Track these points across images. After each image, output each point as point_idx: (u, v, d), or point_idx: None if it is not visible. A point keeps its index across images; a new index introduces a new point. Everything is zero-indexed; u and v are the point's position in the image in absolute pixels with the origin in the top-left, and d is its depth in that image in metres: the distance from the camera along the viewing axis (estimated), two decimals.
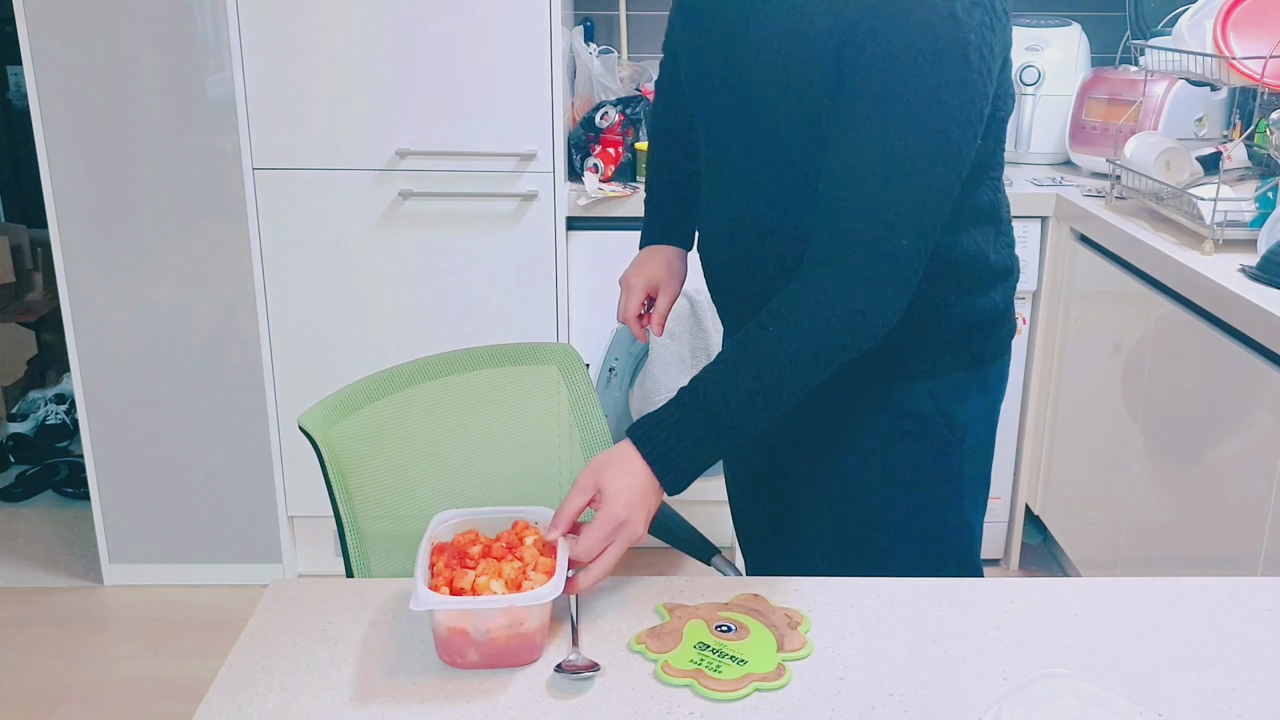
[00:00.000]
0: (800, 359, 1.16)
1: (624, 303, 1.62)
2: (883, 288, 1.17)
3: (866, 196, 1.15)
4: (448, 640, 1.03)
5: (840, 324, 1.17)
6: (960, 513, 1.47)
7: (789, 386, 1.17)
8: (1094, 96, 2.68)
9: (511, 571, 1.07)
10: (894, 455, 1.41)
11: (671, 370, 2.56)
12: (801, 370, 1.17)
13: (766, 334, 1.17)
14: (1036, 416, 2.68)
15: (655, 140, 1.68)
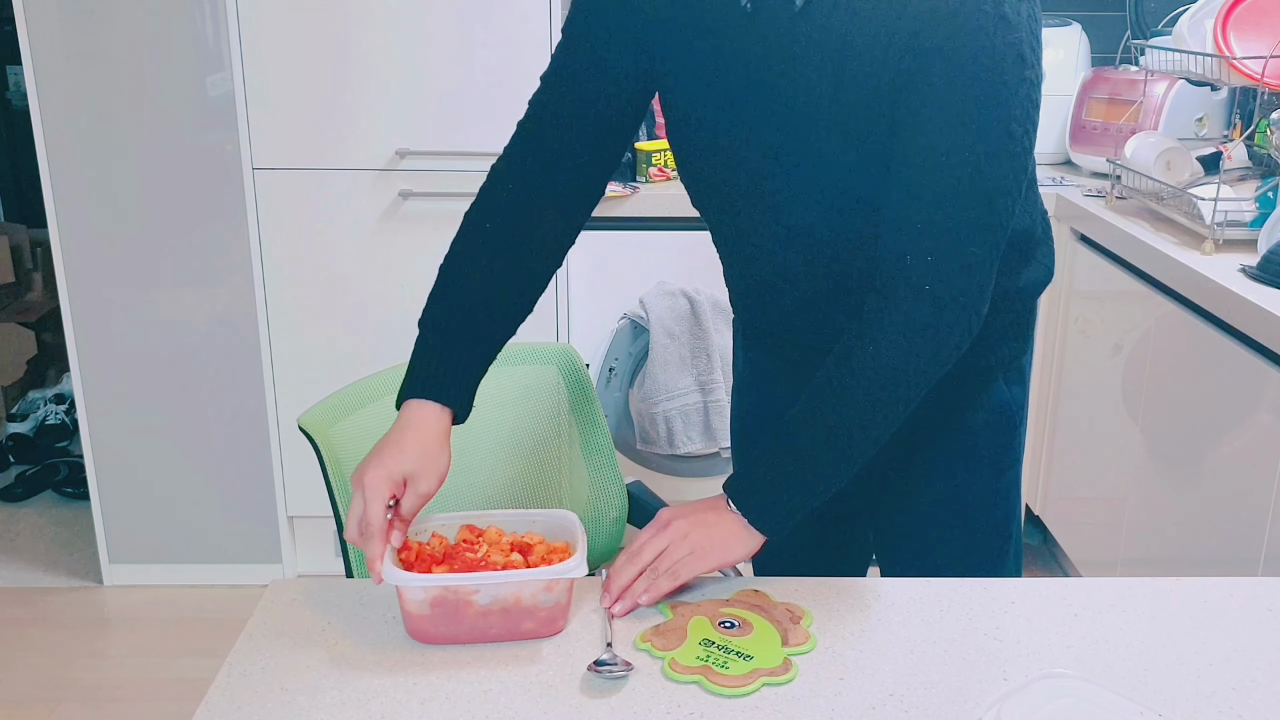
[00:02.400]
0: (884, 392, 1.14)
1: (358, 512, 1.13)
2: (956, 301, 1.14)
3: (934, 206, 1.13)
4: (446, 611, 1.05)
5: (920, 346, 1.14)
6: (1020, 493, 1.47)
7: (879, 420, 1.15)
8: (1094, 96, 2.68)
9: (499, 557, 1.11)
10: (989, 448, 1.39)
11: (671, 370, 2.56)
12: (888, 403, 1.15)
13: (846, 371, 1.15)
14: (1036, 416, 2.68)
15: (478, 230, 1.42)
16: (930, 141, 1.13)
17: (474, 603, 1.05)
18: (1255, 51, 2.11)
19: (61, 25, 2.42)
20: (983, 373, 1.35)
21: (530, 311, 1.34)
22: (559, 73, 1.37)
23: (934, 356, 1.15)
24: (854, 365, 1.14)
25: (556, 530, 1.15)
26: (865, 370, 1.14)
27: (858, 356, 1.15)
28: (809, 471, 1.15)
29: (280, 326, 2.57)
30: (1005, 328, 1.35)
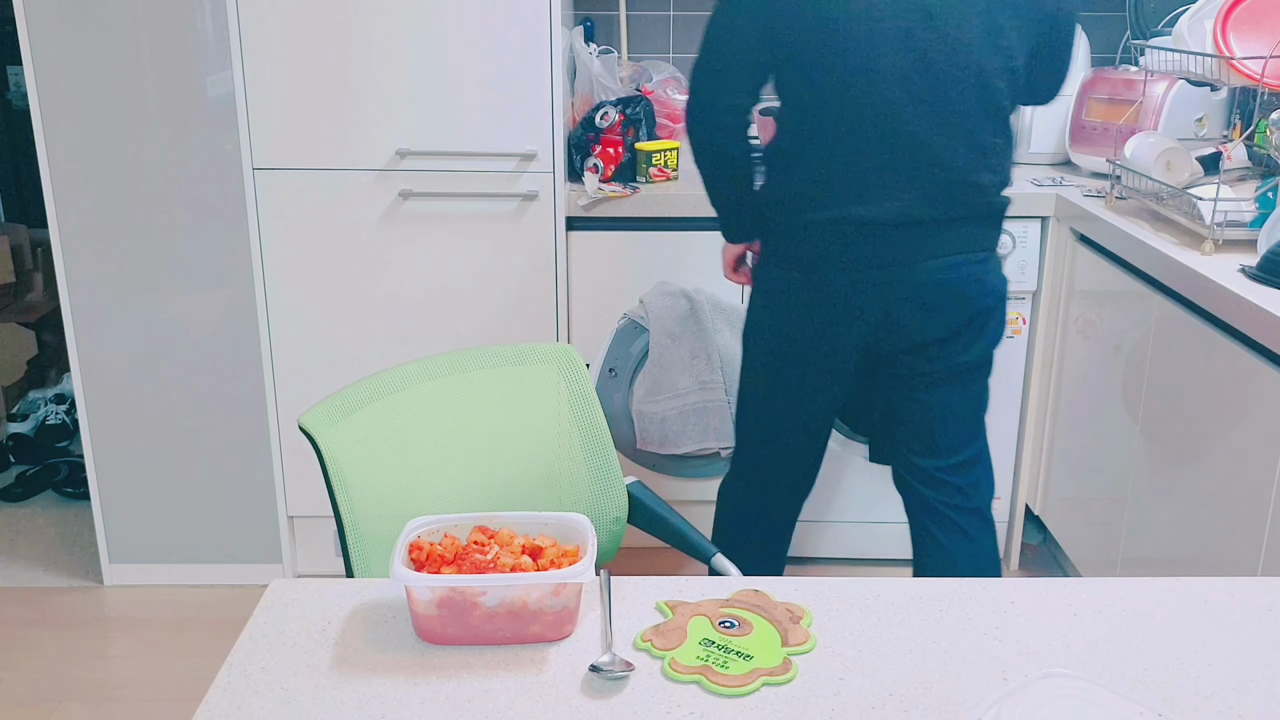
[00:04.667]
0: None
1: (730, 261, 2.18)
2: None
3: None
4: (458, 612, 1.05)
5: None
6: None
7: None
8: (1094, 96, 2.68)
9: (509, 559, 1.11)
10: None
11: (671, 371, 2.56)
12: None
13: None
14: (1036, 416, 2.68)
15: (745, 155, 2.01)
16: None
17: (481, 604, 1.05)
18: (1255, 51, 2.11)
19: (61, 25, 2.42)
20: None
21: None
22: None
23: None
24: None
25: (568, 533, 1.15)
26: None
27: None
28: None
29: (280, 326, 2.57)
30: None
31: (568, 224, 2.54)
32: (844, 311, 1.93)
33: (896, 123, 1.83)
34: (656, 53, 3.08)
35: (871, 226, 1.87)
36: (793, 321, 1.98)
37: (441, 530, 1.15)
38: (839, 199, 1.87)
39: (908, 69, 1.81)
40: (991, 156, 1.89)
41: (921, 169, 1.85)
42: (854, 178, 1.86)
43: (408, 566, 1.09)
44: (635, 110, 2.62)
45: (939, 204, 1.86)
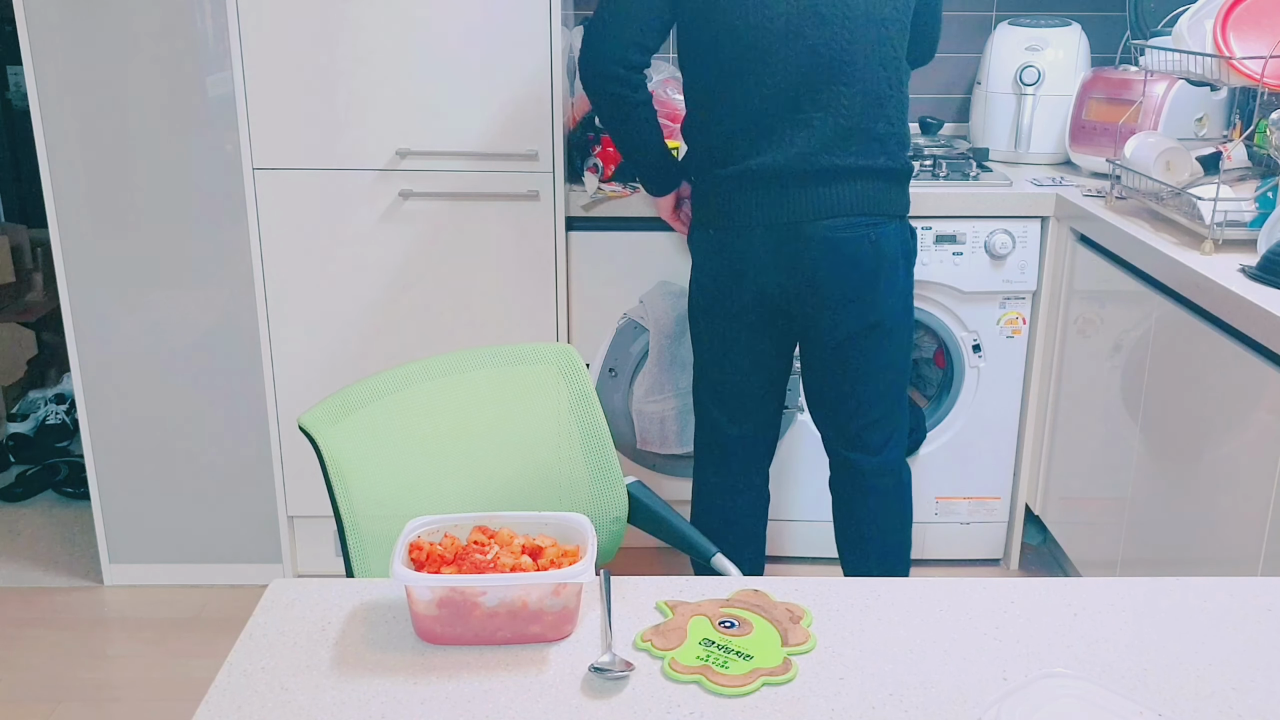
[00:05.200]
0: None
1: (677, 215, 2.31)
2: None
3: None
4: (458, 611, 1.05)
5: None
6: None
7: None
8: (1094, 96, 2.68)
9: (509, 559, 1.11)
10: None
11: (671, 370, 2.56)
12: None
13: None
14: (1036, 416, 2.68)
15: (643, 104, 2.09)
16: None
17: (481, 604, 1.05)
18: (1255, 51, 2.11)
19: (61, 25, 2.42)
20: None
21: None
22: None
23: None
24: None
25: (568, 533, 1.15)
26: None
27: None
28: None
29: (280, 326, 2.57)
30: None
31: (568, 224, 2.54)
32: (749, 263, 2.03)
33: (793, 73, 1.93)
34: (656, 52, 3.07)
35: (771, 176, 1.97)
36: (713, 279, 2.10)
37: (441, 530, 1.15)
38: (742, 152, 1.99)
39: (802, 22, 1.91)
40: (888, 107, 1.98)
41: (816, 117, 1.95)
42: (755, 130, 1.97)
43: (408, 566, 1.09)
44: None
45: (835, 151, 1.95)
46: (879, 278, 2.03)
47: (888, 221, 2.02)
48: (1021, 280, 2.58)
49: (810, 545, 2.81)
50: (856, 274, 2.01)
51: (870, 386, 2.13)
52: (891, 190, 2.02)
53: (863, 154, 1.97)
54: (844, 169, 1.97)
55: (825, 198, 1.97)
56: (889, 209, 2.03)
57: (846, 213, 1.98)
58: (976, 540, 2.80)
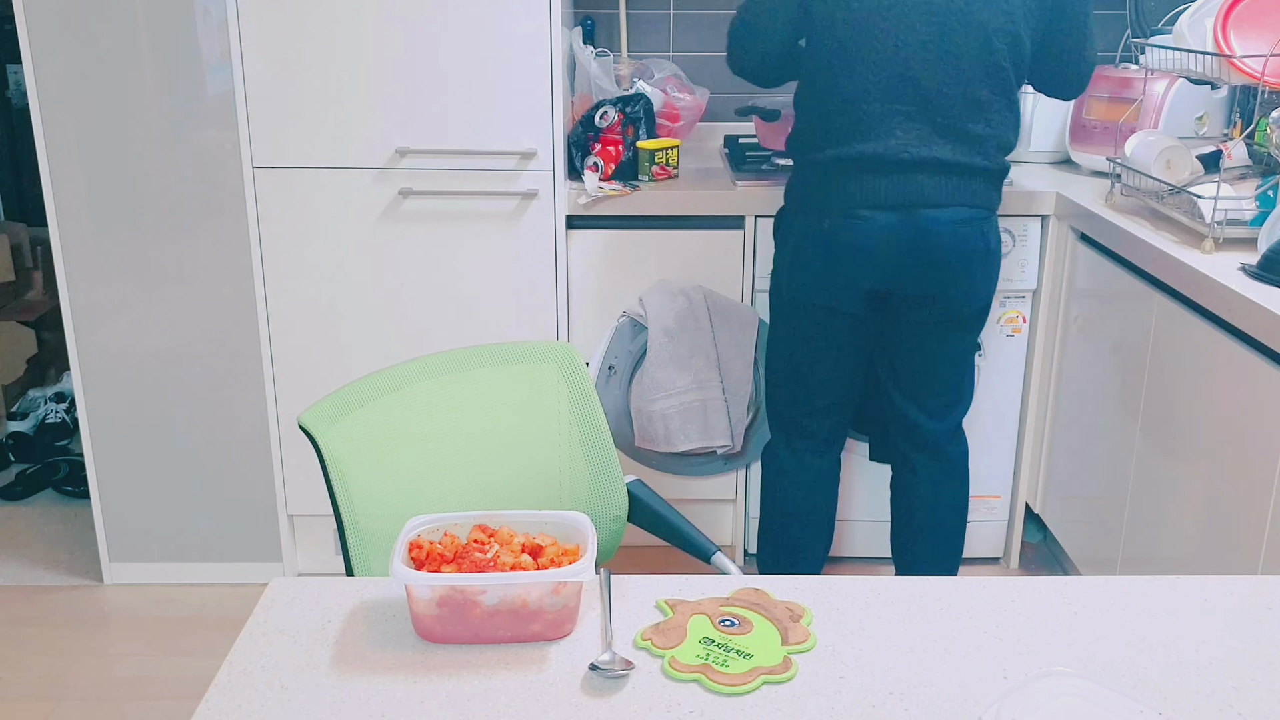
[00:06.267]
0: None
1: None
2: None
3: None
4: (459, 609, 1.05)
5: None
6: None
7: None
8: (1094, 95, 2.68)
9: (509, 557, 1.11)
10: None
11: (670, 369, 2.56)
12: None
13: None
14: (1036, 415, 2.68)
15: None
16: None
17: (481, 603, 1.05)
18: (1255, 50, 2.11)
19: (61, 25, 2.42)
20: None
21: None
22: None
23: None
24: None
25: (568, 532, 1.15)
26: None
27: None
28: None
29: (280, 326, 2.57)
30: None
31: (568, 222, 2.54)
32: (850, 250, 2.06)
33: (900, 67, 1.99)
34: (656, 51, 3.08)
35: (873, 163, 2.02)
36: (808, 265, 2.12)
37: (441, 529, 1.15)
38: (845, 136, 2.04)
39: (915, 17, 1.98)
40: (988, 111, 2.03)
41: (918, 111, 2.01)
42: (860, 116, 2.02)
43: (408, 565, 1.09)
44: (635, 109, 2.62)
45: (934, 146, 2.01)
46: (986, 268, 2.12)
47: (991, 215, 2.11)
48: (1022, 279, 2.58)
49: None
50: (969, 263, 2.09)
51: (959, 365, 2.23)
52: (989, 187, 2.09)
53: (959, 152, 2.03)
54: (943, 163, 2.02)
55: (933, 187, 2.03)
56: (990, 203, 2.10)
57: (956, 203, 2.05)
58: (977, 539, 2.80)
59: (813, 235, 2.10)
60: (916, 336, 2.18)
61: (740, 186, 2.54)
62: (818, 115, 2.08)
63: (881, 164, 2.02)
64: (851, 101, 2.02)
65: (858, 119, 2.03)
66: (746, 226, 2.56)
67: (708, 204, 2.52)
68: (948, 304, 2.12)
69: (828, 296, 2.12)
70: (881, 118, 2.01)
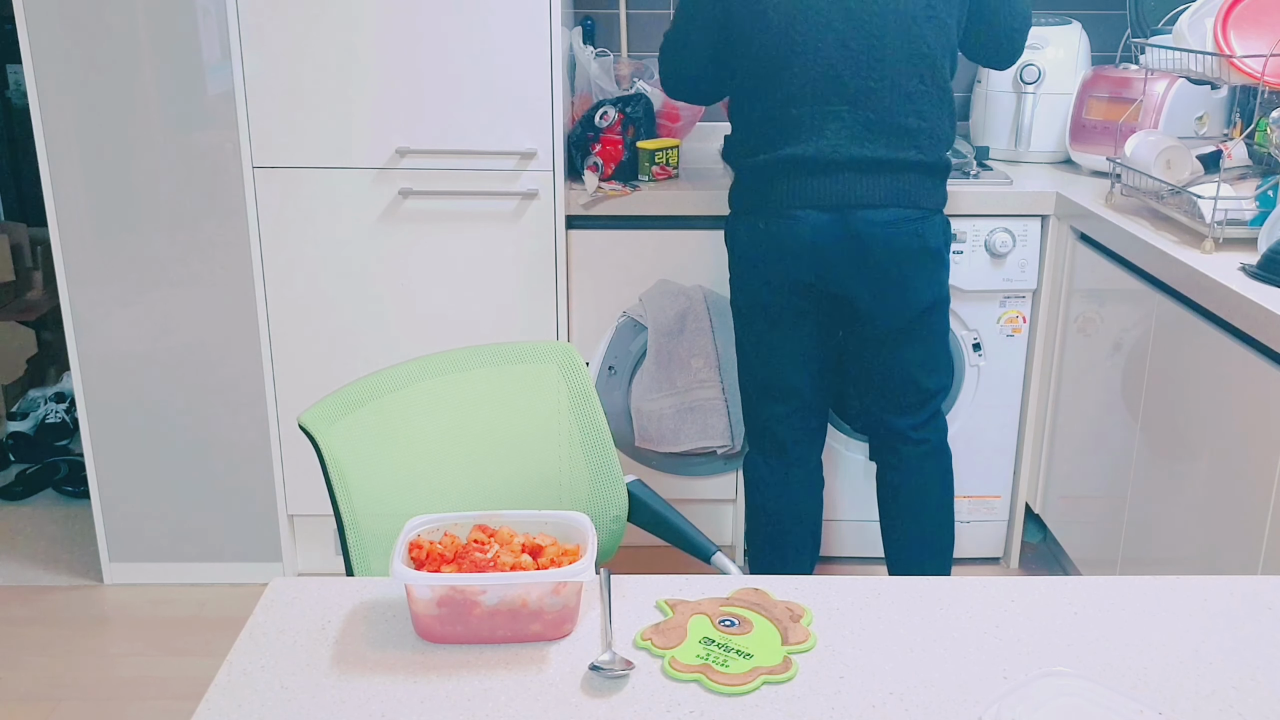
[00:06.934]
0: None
1: None
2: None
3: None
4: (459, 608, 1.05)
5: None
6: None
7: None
8: (1094, 95, 2.68)
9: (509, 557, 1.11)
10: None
11: (670, 369, 2.56)
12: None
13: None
14: (1036, 415, 2.68)
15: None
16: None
17: (481, 603, 1.05)
18: (1255, 50, 2.11)
19: (61, 25, 2.42)
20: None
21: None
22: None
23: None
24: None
25: (568, 532, 1.15)
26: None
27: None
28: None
29: (280, 326, 2.57)
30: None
31: (567, 222, 2.54)
32: (792, 250, 2.07)
33: (824, 67, 2.00)
34: (656, 51, 3.07)
35: (805, 165, 2.03)
36: (755, 267, 2.14)
37: (441, 529, 1.15)
38: (776, 141, 2.05)
39: (833, 16, 1.98)
40: (919, 101, 2.03)
41: (847, 110, 2.01)
42: (788, 121, 2.04)
43: (408, 565, 1.09)
44: (635, 109, 2.62)
45: (865, 143, 2.01)
46: (925, 269, 2.10)
47: (931, 215, 2.09)
48: (1022, 279, 2.58)
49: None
50: (905, 266, 2.08)
51: (921, 364, 2.21)
52: (927, 183, 2.08)
53: (893, 147, 2.02)
54: (875, 160, 2.02)
55: (865, 187, 2.03)
56: (928, 202, 2.08)
57: (890, 204, 2.04)
58: (976, 539, 2.80)
59: (752, 237, 2.12)
60: (869, 346, 2.19)
61: None
62: (749, 123, 2.10)
63: (813, 165, 2.03)
64: (780, 106, 2.04)
65: (787, 123, 2.04)
66: None
67: (708, 204, 2.52)
68: (885, 307, 2.11)
69: (769, 293, 2.13)
70: (811, 119, 2.02)
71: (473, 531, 1.15)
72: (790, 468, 2.31)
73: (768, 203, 2.09)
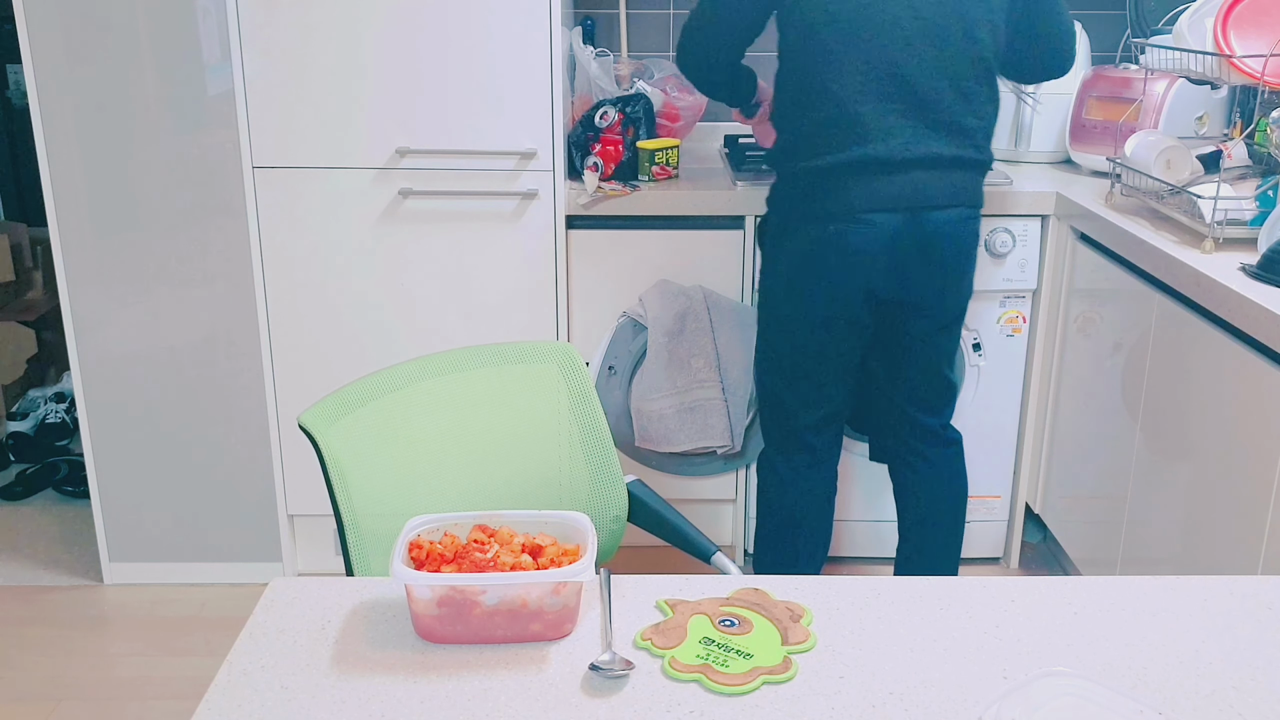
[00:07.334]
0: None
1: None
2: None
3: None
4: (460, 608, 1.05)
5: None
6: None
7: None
8: (1094, 95, 2.68)
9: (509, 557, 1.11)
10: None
11: (670, 369, 2.56)
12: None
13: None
14: (1036, 415, 2.68)
15: (738, 72, 2.22)
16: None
17: (481, 603, 1.05)
18: (1255, 50, 2.11)
19: (61, 25, 2.42)
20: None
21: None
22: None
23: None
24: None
25: (568, 532, 1.15)
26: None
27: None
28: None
29: (280, 326, 2.57)
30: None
31: (568, 222, 2.54)
32: (862, 255, 2.04)
33: (889, 65, 1.98)
34: (656, 51, 3.08)
35: (876, 165, 2.00)
36: (817, 276, 2.08)
37: (441, 529, 1.15)
38: (843, 142, 2.01)
39: (899, 13, 1.97)
40: (974, 102, 2.04)
41: (914, 109, 1.99)
42: (854, 120, 2.00)
43: (408, 565, 1.09)
44: (635, 109, 2.62)
45: (931, 142, 2.00)
46: (975, 265, 2.15)
47: (979, 214, 2.12)
48: (1022, 279, 2.58)
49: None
50: (964, 263, 2.11)
51: (949, 359, 2.24)
52: (979, 182, 2.10)
53: (954, 145, 2.03)
54: (941, 159, 2.02)
55: (934, 187, 2.03)
56: (981, 201, 2.11)
57: (954, 203, 2.05)
58: (976, 539, 2.80)
59: (818, 244, 2.06)
60: (915, 341, 2.17)
61: (740, 186, 2.54)
62: (809, 123, 2.04)
63: (884, 165, 2.00)
64: (844, 105, 2.00)
65: (853, 122, 2.00)
66: (746, 226, 2.56)
67: (708, 204, 2.52)
68: (943, 305, 2.12)
69: (832, 304, 2.09)
70: (878, 119, 1.99)
71: (473, 531, 1.15)
72: (814, 467, 2.29)
73: (837, 207, 2.03)
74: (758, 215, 2.54)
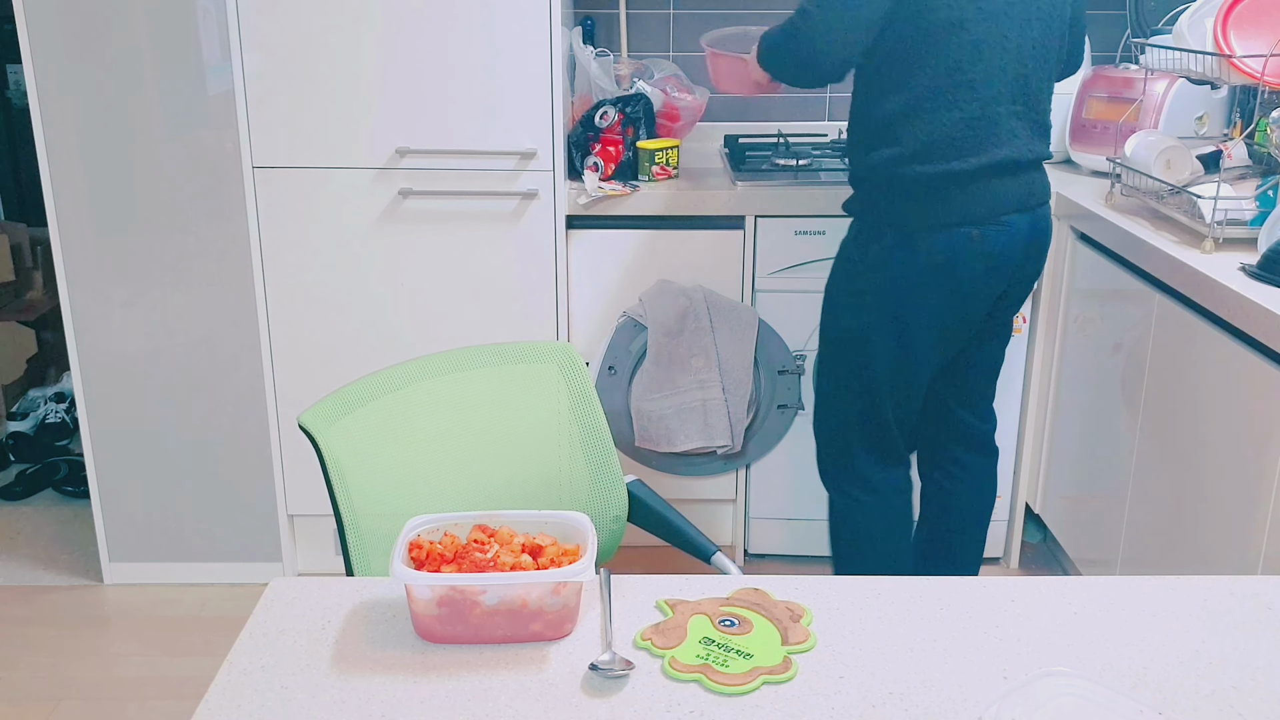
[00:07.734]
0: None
1: None
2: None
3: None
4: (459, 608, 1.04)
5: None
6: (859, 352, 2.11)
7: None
8: (1094, 95, 2.68)
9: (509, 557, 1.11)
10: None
11: (670, 369, 2.56)
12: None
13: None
14: (1036, 415, 2.68)
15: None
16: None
17: (481, 603, 1.05)
18: (1255, 50, 2.11)
19: (61, 25, 2.42)
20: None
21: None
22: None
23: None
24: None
25: (568, 532, 1.15)
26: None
27: None
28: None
29: (280, 326, 2.57)
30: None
31: (568, 222, 2.54)
32: (1001, 258, 2.02)
33: (1019, 65, 1.97)
34: (656, 51, 3.08)
35: (1009, 167, 1.99)
36: (954, 284, 2.00)
37: (441, 529, 1.15)
38: (982, 144, 1.96)
39: (1031, 13, 1.96)
40: (1050, 101, 2.08)
41: (1027, 109, 2.00)
42: (990, 123, 1.96)
43: (408, 565, 1.09)
44: (635, 109, 2.62)
45: (1035, 143, 2.03)
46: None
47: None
48: None
49: (812, 544, 2.82)
50: (1045, 257, 2.15)
51: (1000, 364, 2.28)
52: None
53: (1046, 143, 2.07)
54: (1041, 158, 2.05)
55: (1040, 186, 2.06)
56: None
57: (1047, 200, 2.09)
58: None
59: (950, 250, 1.97)
60: (990, 341, 2.20)
61: (740, 186, 2.54)
62: (947, 124, 1.93)
63: (1015, 166, 1.99)
64: (988, 105, 1.93)
65: (989, 125, 1.94)
66: (746, 226, 2.56)
67: (708, 204, 2.52)
68: (1021, 302, 2.17)
69: (963, 311, 2.03)
70: (1006, 120, 1.96)
71: (473, 531, 1.15)
72: (905, 472, 2.23)
73: (980, 210, 1.96)
74: (757, 215, 2.53)
